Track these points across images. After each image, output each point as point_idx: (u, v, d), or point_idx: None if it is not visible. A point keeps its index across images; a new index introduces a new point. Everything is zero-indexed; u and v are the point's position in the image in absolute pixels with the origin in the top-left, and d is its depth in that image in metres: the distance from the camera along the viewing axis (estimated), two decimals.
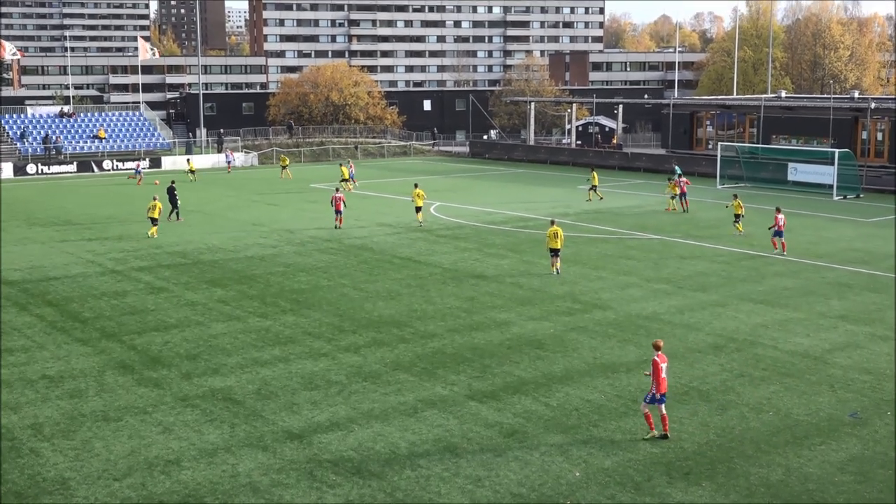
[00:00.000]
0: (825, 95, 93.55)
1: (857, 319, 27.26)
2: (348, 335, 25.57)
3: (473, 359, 23.37)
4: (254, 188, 62.53)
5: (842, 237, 41.82)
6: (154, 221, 41.66)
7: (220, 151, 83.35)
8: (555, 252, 33.75)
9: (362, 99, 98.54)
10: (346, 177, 60.88)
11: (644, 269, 34.57)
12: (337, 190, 46.99)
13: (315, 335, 25.59)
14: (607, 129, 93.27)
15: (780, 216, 37.21)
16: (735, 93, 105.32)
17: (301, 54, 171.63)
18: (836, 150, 58.14)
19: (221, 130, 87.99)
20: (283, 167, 70.16)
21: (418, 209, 47.81)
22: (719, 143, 68.17)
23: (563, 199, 54.60)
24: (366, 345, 24.63)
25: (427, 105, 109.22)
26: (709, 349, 24.26)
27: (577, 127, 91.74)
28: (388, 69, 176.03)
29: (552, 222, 34.51)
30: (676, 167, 59.78)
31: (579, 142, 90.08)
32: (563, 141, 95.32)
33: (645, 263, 35.57)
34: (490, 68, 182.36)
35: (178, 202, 47.77)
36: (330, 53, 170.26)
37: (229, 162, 75.78)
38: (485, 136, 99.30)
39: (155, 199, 43.17)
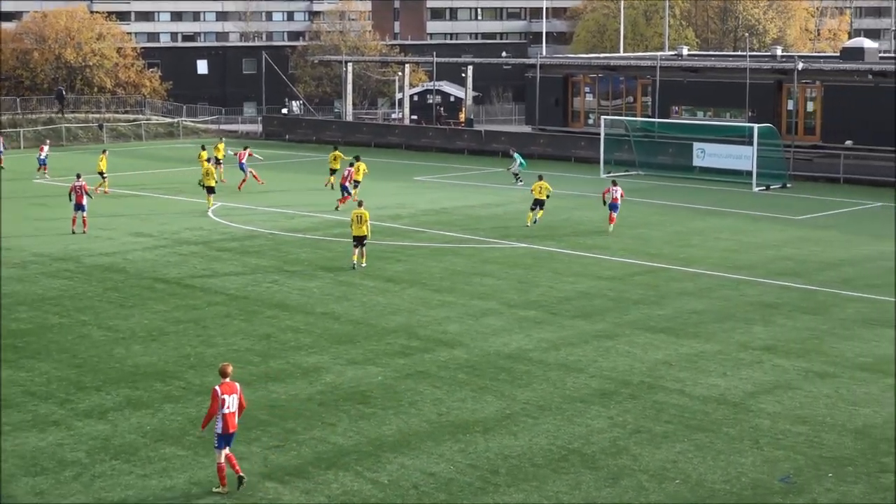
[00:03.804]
0: (739, 53, 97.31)
1: (789, 351, 28.29)
2: (90, 394, 24.91)
3: (271, 421, 23.07)
4: None
5: (765, 242, 43.48)
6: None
7: None
8: (358, 241, 37.51)
9: (109, 58, 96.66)
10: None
11: (506, 289, 34.97)
12: (78, 177, 45.87)
13: (41, 396, 24.82)
14: (453, 98, 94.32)
15: (617, 188, 44.51)
16: (622, 50, 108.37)
17: None
18: (756, 126, 60.47)
19: None
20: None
21: (209, 189, 50.12)
22: (602, 116, 69.84)
23: (394, 196, 54.76)
24: (116, 407, 24.06)
25: (202, 67, 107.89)
26: (594, 397, 24.66)
27: (411, 97, 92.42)
28: (146, 16, 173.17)
29: (359, 203, 38.19)
30: (516, 153, 60.34)
31: (415, 116, 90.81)
32: (393, 116, 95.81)
33: (507, 282, 35.99)
34: (290, 15, 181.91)
35: None
36: None
37: None
38: (284, 111, 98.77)
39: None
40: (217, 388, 19.39)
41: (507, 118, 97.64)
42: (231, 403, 19.36)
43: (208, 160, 56.75)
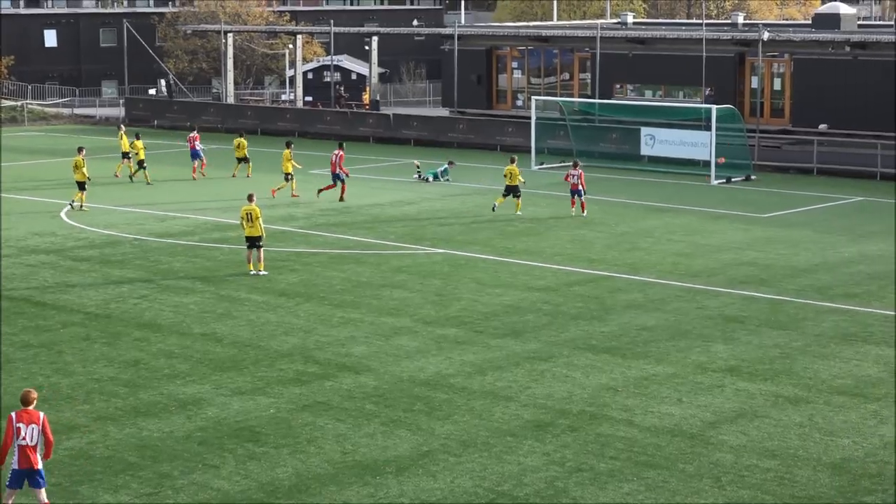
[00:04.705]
0: (694, 21, 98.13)
1: (754, 373, 28.59)
2: None
3: (141, 464, 22.92)
4: None
5: (726, 244, 43.94)
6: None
7: None
8: (253, 242, 38.28)
9: None
10: None
11: (421, 304, 35.03)
12: None
13: None
14: (354, 76, 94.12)
15: (576, 171, 48.34)
16: (556, 17, 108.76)
17: None
18: (714, 108, 60.82)
19: None
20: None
21: (81, 185, 49.85)
22: (533, 97, 69.77)
23: (286, 193, 54.55)
24: None
25: (51, 38, 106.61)
26: (527, 430, 24.74)
27: (304, 74, 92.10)
28: None
29: (249, 198, 38.42)
30: (450, 165, 59.62)
31: (309, 98, 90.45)
32: (284, 97, 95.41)
33: (422, 295, 36.05)
34: None
35: None
36: None
37: None
38: (151, 91, 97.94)
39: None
40: (12, 414, 19.37)
41: (419, 99, 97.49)
42: (29, 435, 19.26)
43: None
